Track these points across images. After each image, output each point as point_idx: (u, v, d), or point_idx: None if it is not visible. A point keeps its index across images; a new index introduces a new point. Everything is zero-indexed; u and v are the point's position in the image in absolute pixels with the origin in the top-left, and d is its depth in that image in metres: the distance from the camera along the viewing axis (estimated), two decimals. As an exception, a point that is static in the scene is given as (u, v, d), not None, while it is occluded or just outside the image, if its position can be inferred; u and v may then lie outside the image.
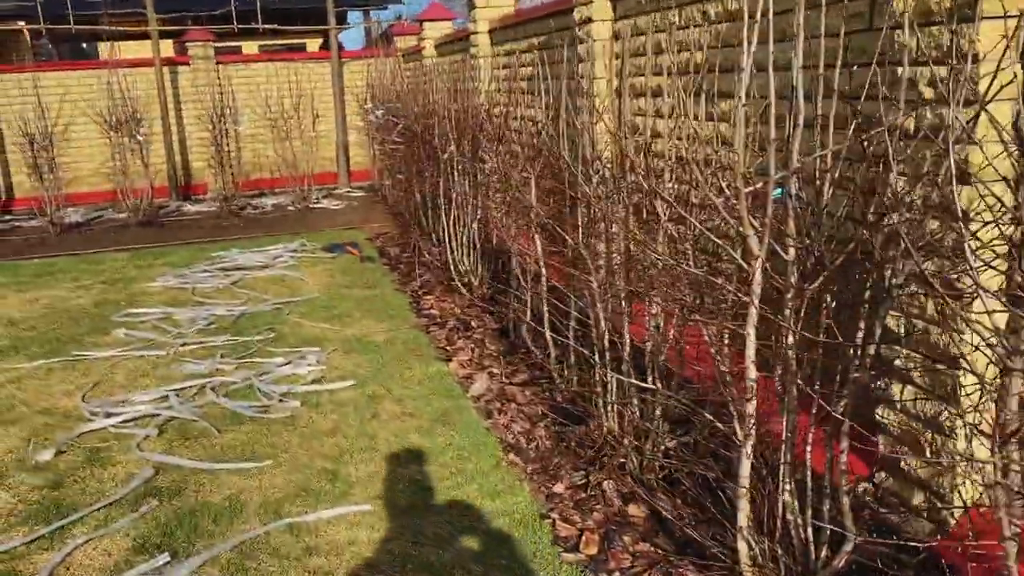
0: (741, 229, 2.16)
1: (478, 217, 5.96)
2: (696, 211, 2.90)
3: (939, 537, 2.60)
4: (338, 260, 7.78)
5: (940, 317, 2.46)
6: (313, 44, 20.90)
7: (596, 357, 3.37)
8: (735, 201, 2.41)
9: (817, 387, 2.23)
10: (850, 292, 2.41)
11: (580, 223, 3.61)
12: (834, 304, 2.31)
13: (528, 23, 6.91)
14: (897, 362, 2.72)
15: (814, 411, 2.28)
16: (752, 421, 2.19)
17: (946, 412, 2.55)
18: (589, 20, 5.23)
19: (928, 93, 2.51)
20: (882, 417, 2.86)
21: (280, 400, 4.28)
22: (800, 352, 2.23)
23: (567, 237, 3.70)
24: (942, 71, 2.44)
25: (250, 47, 19.35)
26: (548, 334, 4.22)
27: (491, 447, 3.65)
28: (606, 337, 3.31)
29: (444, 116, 6.19)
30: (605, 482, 3.20)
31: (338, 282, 6.92)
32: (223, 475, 3.50)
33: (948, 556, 2.48)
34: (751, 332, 2.16)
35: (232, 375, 4.67)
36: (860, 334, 2.20)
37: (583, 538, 2.88)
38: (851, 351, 2.20)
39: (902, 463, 2.76)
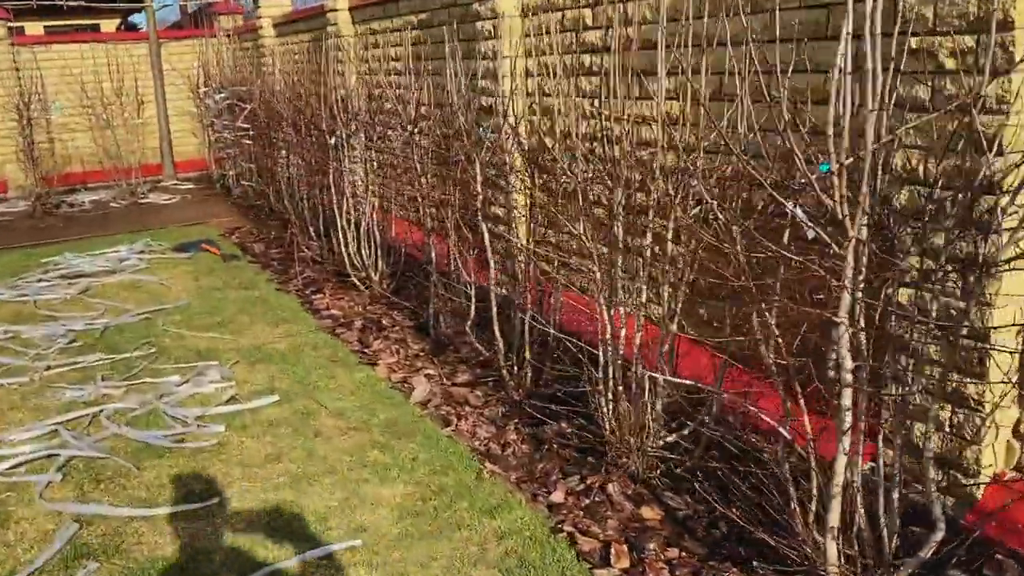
0: (835, 207, 2.01)
1: (374, 207, 5.55)
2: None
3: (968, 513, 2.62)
4: (196, 260, 7.05)
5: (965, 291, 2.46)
6: (109, 24, 19.03)
7: (600, 353, 3.14)
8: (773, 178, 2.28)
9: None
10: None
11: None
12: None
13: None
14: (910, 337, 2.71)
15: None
16: (849, 415, 2.07)
17: (972, 385, 2.57)
18: (493, -5, 4.96)
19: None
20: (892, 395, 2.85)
21: (198, 426, 3.74)
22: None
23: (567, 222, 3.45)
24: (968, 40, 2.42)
25: (34, 28, 17.29)
26: (496, 328, 3.95)
27: (464, 457, 3.35)
28: (608, 331, 3.10)
29: (328, 99, 5.71)
30: (609, 484, 3.01)
31: (206, 285, 6.24)
32: (164, 522, 2.97)
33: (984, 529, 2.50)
34: (844, 318, 2.03)
35: (125, 400, 4.04)
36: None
37: (611, 551, 2.67)
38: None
39: (916, 440, 2.76)
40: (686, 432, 3.07)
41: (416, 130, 4.70)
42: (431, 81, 5.10)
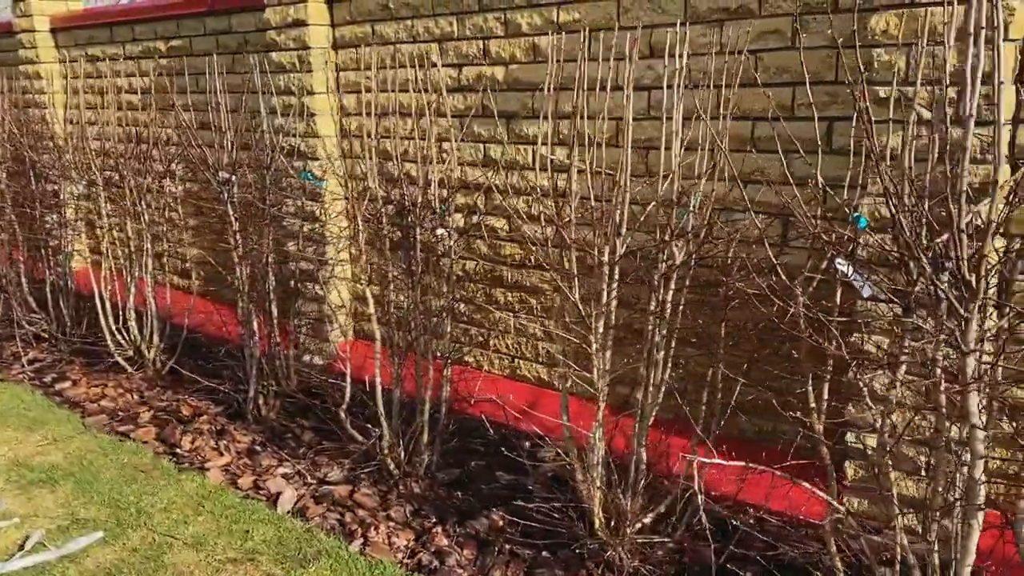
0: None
1: (148, 268, 4.53)
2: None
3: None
4: None
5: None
6: None
7: (593, 442, 2.72)
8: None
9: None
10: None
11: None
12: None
13: (146, 21, 5.50)
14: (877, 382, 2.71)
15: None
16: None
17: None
18: (299, 23, 4.32)
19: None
20: (855, 442, 2.83)
21: (-3, 594, 2.65)
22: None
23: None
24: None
25: None
26: (380, 407, 3.34)
27: (400, 579, 2.74)
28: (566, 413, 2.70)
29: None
30: (600, 585, 2.61)
31: None
32: None
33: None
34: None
35: None
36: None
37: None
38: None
39: (894, 487, 2.77)
40: (662, 509, 2.78)
41: (169, 175, 3.88)
42: (191, 117, 4.29)
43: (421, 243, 3.31)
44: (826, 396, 2.30)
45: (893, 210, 2.12)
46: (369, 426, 3.45)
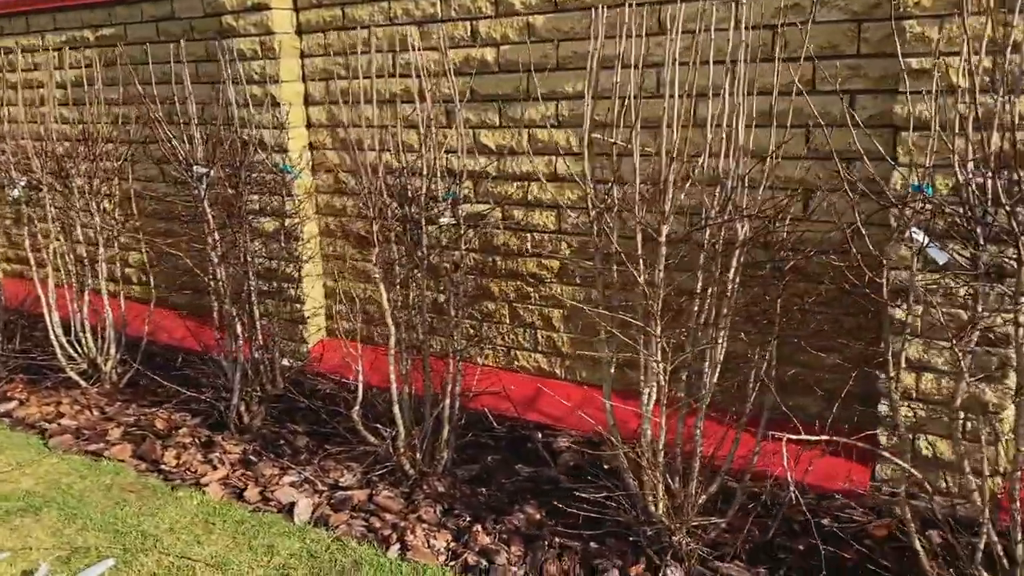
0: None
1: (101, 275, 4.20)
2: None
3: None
4: None
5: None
6: None
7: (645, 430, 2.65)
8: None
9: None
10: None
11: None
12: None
13: (72, 9, 5.08)
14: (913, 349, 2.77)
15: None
16: None
17: (985, 388, 2.70)
18: (261, 7, 4.07)
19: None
20: (887, 409, 2.89)
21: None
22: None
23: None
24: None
25: None
26: (396, 406, 3.19)
27: (452, 582, 2.61)
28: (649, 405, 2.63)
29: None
30: (668, 569, 2.56)
31: None
32: None
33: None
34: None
35: None
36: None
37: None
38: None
39: (924, 449, 2.84)
40: (714, 489, 2.76)
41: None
42: (152, 110, 4.00)
43: (427, 236, 3.18)
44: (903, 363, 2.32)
45: (960, 178, 2.16)
46: (379, 426, 3.30)
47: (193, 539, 2.90)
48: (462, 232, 3.27)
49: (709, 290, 2.50)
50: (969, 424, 2.74)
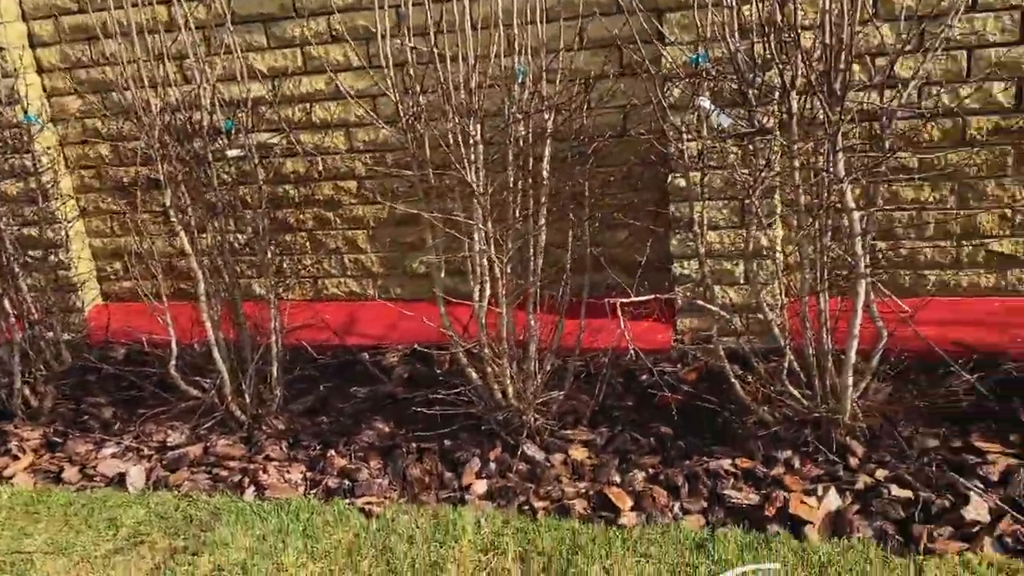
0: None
1: None
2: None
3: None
4: None
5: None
6: None
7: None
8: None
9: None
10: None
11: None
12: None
13: None
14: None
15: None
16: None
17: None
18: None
19: None
20: (681, 269, 3.22)
21: None
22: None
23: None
24: None
25: None
26: (216, 353, 3.04)
27: (348, 514, 2.60)
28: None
29: None
30: (525, 446, 2.73)
31: None
32: None
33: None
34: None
35: None
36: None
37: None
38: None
39: (720, 297, 3.21)
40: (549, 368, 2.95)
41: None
42: None
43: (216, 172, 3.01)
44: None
45: (732, 48, 2.42)
46: (198, 379, 3.14)
47: (19, 532, 2.64)
48: (255, 164, 3.13)
49: (521, 183, 2.63)
50: (751, 269, 3.13)
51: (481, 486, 2.64)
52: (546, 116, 2.56)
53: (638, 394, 3.02)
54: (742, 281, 3.16)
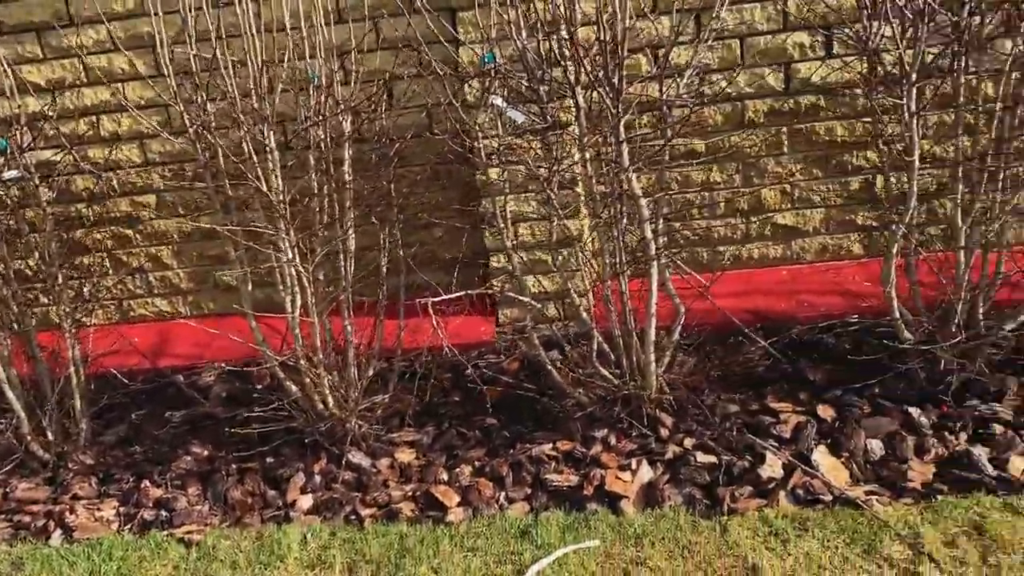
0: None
1: None
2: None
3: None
4: None
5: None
6: None
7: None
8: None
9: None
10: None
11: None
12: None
13: None
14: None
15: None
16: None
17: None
18: None
19: None
20: (497, 262, 3.28)
21: None
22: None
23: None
24: None
25: None
26: (8, 391, 2.81)
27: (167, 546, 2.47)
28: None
29: None
30: (350, 454, 2.69)
31: None
32: None
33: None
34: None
35: None
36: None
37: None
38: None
39: (534, 287, 3.29)
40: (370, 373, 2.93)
41: None
42: None
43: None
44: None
45: (520, 46, 2.48)
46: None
47: None
48: (35, 185, 2.91)
49: (326, 188, 2.59)
50: (560, 257, 3.24)
51: (307, 501, 2.59)
52: (342, 118, 2.53)
53: (464, 389, 3.05)
54: (555, 270, 3.25)
